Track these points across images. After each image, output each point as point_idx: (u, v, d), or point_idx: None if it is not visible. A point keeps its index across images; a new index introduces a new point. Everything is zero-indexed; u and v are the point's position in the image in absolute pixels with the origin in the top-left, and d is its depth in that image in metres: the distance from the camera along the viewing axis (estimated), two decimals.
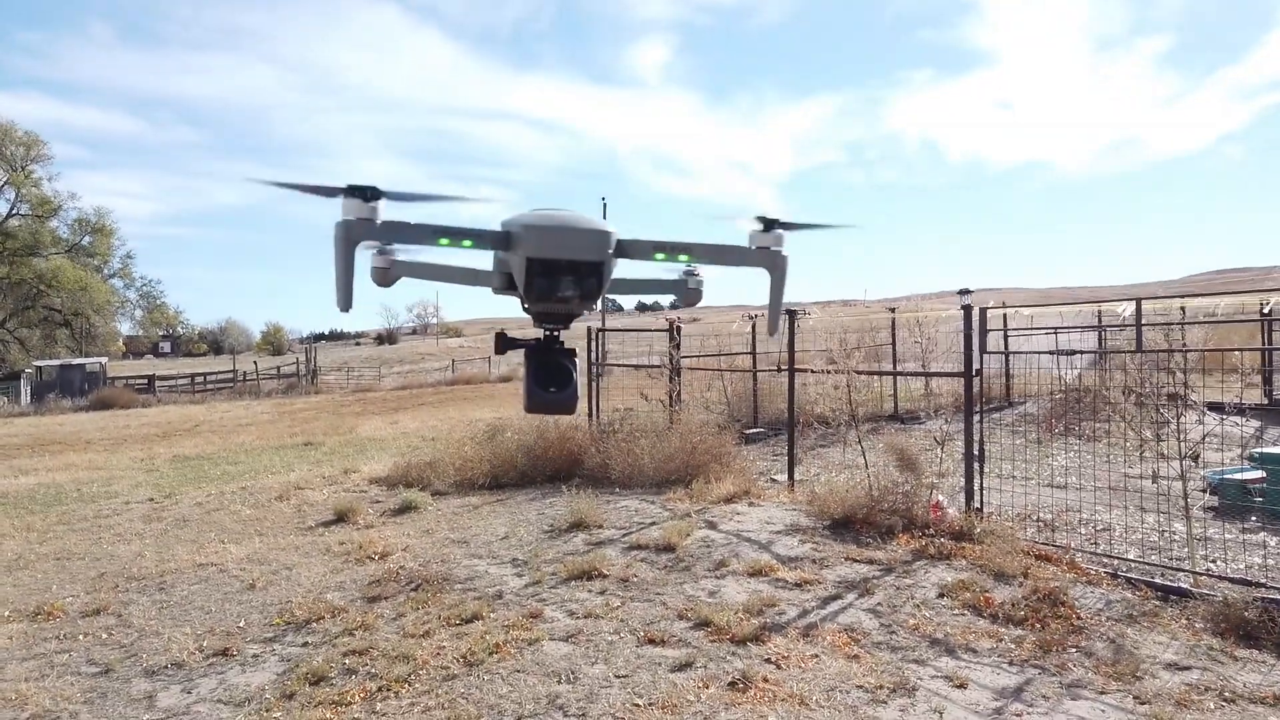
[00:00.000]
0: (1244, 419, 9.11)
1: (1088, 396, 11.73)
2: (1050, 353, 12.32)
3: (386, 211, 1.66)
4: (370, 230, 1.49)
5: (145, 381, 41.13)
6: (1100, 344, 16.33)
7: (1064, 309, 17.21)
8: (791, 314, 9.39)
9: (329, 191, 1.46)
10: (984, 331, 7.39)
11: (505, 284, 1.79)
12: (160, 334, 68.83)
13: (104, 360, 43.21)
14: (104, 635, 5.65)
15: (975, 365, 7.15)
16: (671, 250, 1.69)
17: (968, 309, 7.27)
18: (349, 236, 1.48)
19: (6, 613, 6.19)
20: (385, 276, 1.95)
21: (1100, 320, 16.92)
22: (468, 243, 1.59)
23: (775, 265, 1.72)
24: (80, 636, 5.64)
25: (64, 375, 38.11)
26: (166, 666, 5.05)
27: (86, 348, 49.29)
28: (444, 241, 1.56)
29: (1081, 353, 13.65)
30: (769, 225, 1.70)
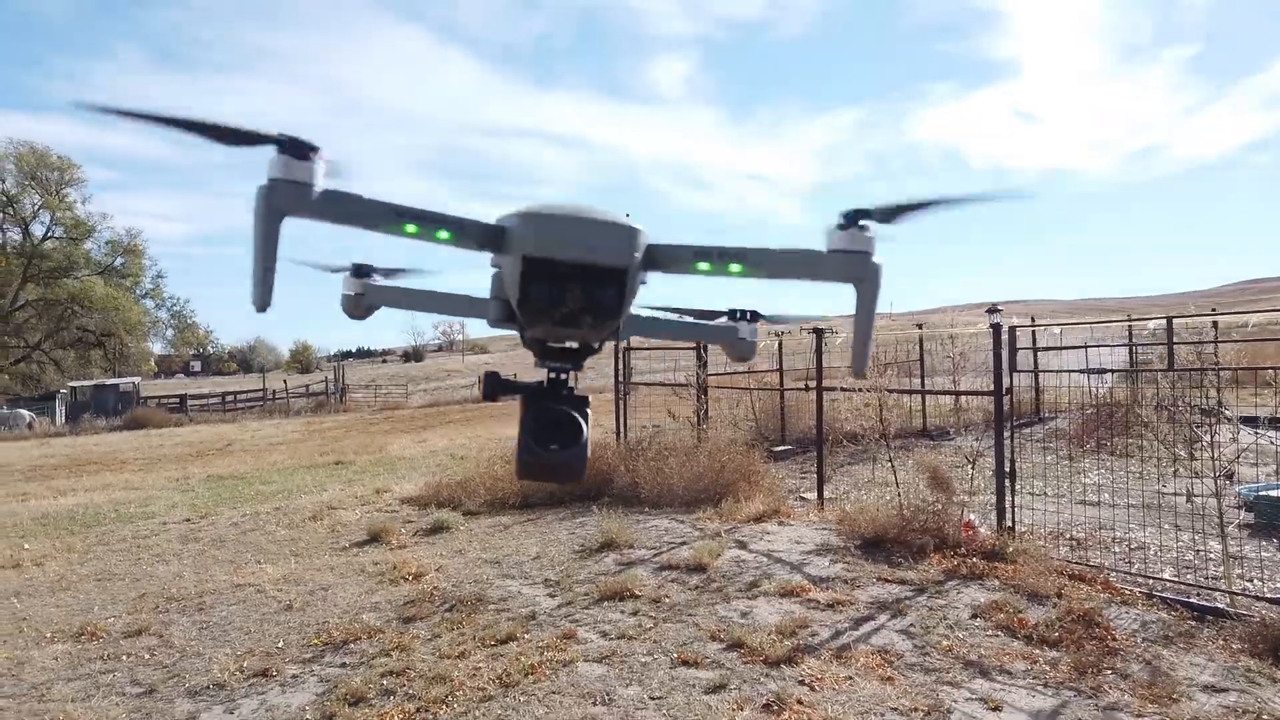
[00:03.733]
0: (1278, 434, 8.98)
1: (1119, 411, 11.64)
2: (1081, 371, 12.21)
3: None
4: (304, 198, 0.97)
5: (177, 401, 41.68)
6: (1131, 359, 16.19)
7: (1094, 322, 17.07)
8: (819, 333, 9.41)
9: (244, 138, 0.94)
10: (1013, 350, 7.37)
11: (502, 313, 1.27)
12: (191, 353, 69.90)
13: (137, 380, 43.91)
14: (146, 655, 5.75)
15: (1005, 384, 7.13)
16: (719, 259, 1.11)
17: (996, 328, 7.25)
18: (272, 205, 0.97)
19: (50, 633, 6.32)
20: (356, 306, 1.54)
21: (1130, 335, 16.80)
22: (443, 234, 1.06)
23: (863, 276, 1.06)
24: (123, 657, 5.75)
25: (98, 396, 38.69)
26: (208, 687, 5.14)
27: (119, 368, 50.12)
28: (410, 229, 1.03)
29: (1112, 371, 13.53)
30: (853, 218, 1.05)
